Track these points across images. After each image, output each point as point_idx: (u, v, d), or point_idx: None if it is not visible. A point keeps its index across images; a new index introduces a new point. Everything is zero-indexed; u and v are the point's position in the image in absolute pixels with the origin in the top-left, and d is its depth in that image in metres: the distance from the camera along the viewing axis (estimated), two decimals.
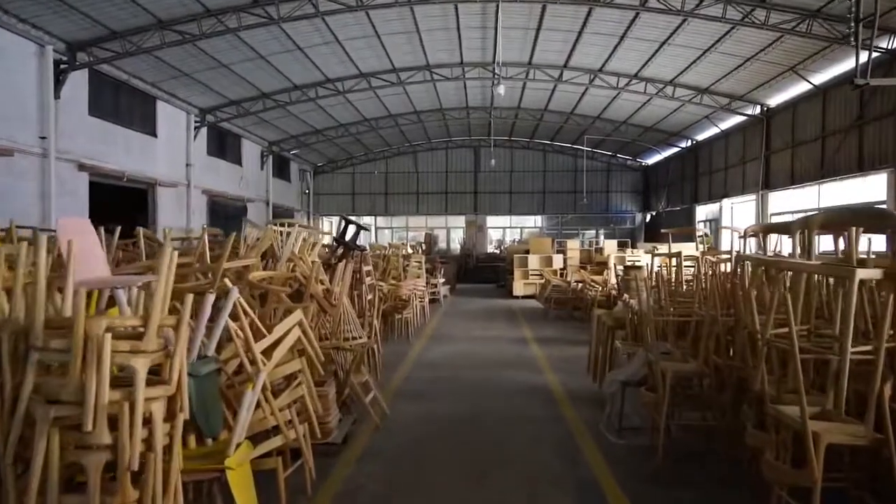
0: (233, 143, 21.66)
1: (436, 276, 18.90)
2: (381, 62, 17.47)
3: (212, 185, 19.55)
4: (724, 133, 20.58)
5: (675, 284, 8.93)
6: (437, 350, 10.68)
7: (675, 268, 9.53)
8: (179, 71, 15.13)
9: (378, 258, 16.51)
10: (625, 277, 11.35)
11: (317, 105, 20.63)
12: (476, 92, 21.85)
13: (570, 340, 11.78)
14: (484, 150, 30.36)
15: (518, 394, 7.61)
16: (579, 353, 10.35)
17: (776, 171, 17.08)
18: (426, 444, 5.81)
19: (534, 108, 23.79)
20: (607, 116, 23.19)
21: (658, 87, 17.92)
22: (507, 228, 32.92)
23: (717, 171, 21.37)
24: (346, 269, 6.55)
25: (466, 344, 11.37)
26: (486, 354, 10.29)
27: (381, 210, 31.73)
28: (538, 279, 20.35)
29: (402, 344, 11.15)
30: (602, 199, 30.82)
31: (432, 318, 15.10)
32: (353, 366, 6.24)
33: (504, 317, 15.64)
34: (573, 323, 14.38)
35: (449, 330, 13.22)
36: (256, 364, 3.97)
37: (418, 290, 13.74)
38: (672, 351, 5.71)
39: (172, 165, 17.19)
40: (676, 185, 25.70)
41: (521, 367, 9.23)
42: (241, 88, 17.54)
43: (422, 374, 8.73)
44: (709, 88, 17.57)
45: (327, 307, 6.27)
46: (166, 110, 16.76)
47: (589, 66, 17.72)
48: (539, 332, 12.99)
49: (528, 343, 11.56)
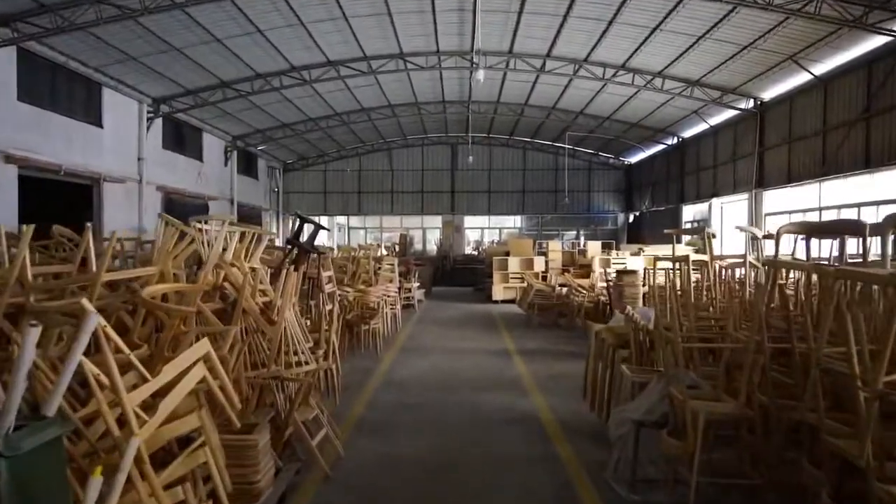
0: (192, 136, 20.17)
1: (410, 280, 17.66)
2: (351, 49, 16.16)
3: (168, 182, 18.06)
4: (713, 129, 19.61)
5: (686, 295, 7.81)
6: (408, 366, 9.43)
7: (674, 274, 8.42)
8: (125, 54, 13.65)
9: (347, 261, 15.30)
10: (617, 283, 10.21)
11: (283, 96, 19.25)
12: (453, 84, 20.63)
13: (557, 353, 10.61)
14: (461, 147, 29.17)
15: (502, 424, 6.40)
16: (568, 370, 9.19)
17: (771, 168, 16.12)
18: (387, 500, 4.58)
19: (514, 103, 22.63)
20: (591, 112, 22.13)
21: (646, 79, 16.84)
22: (485, 229, 31.76)
23: (706, 169, 20.41)
24: (288, 277, 5.27)
25: (442, 357, 10.14)
26: (464, 371, 9.07)
27: (353, 209, 30.35)
28: (519, 283, 19.20)
29: (369, 358, 9.88)
30: (583, 198, 29.80)
31: (405, 326, 13.85)
32: (298, 400, 4.98)
33: (483, 324, 14.45)
34: (558, 332, 13.22)
35: (423, 340, 11.98)
36: (129, 424, 2.71)
37: (389, 296, 12.48)
38: (699, 383, 4.54)
39: (122, 159, 15.70)
40: (661, 185, 24.75)
41: (503, 388, 8.02)
42: (197, 76, 16.10)
43: (388, 397, 7.48)
44: (700, 81, 16.55)
45: (265, 326, 5.00)
46: (114, 98, 15.27)
47: (574, 56, 16.59)
48: (522, 342, 11.81)
49: (511, 356, 10.37)
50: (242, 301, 4.78)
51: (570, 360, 9.93)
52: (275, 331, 4.93)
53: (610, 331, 6.50)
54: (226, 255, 5.45)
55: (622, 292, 9.99)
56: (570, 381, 8.43)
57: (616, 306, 10.03)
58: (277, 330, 4.94)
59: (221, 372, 3.30)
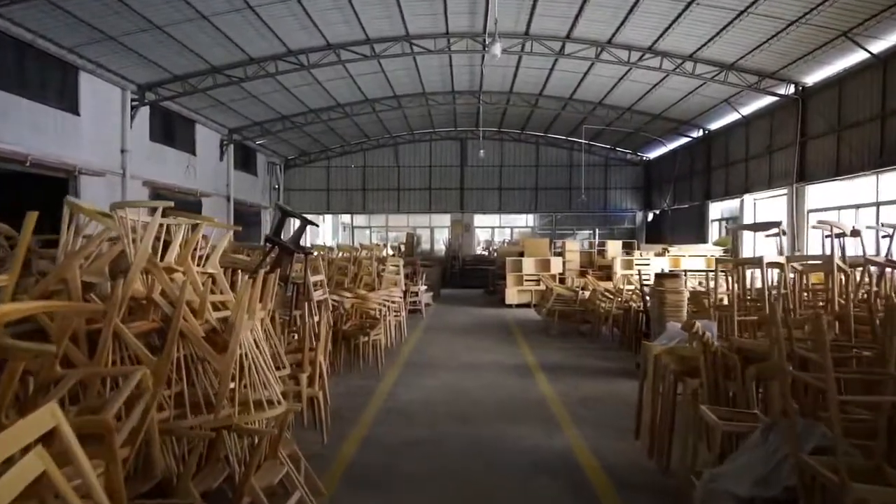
0: (184, 128, 18.83)
1: (416, 283, 16.26)
2: (352, 30, 14.77)
3: (156, 176, 16.72)
4: (745, 119, 18.08)
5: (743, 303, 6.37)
6: (413, 385, 8.02)
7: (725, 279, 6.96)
8: (102, 33, 12.29)
9: (347, 262, 13.95)
10: (656, 289, 8.76)
11: (280, 85, 17.88)
12: (463, 72, 19.22)
13: (585, 369, 9.18)
14: (471, 142, 27.75)
15: (532, 473, 4.97)
16: (601, 392, 7.76)
17: (815, 160, 14.59)
18: None
19: (528, 93, 21.18)
20: (610, 102, 20.64)
21: (676, 63, 15.35)
22: (495, 228, 30.31)
23: (736, 162, 18.88)
24: (247, 287, 3.87)
25: (452, 375, 8.73)
26: (480, 394, 7.64)
27: (358, 207, 28.96)
28: (534, 286, 17.78)
29: (369, 376, 8.48)
30: (599, 196, 28.29)
31: (411, 334, 12.45)
32: (259, 457, 3.58)
33: (497, 332, 13.02)
34: (581, 342, 11.80)
35: (431, 352, 10.56)
36: None
37: (393, 302, 11.08)
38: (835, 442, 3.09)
39: (102, 150, 14.36)
40: (685, 181, 23.21)
41: (528, 417, 6.59)
42: (184, 60, 14.72)
43: (388, 433, 6.06)
44: (735, 64, 15.05)
45: (211, 356, 3.60)
46: (93, 84, 13.92)
47: (596, 38, 15.14)
48: (542, 354, 10.38)
49: (533, 373, 8.94)
50: (178, 321, 3.38)
51: (602, 379, 8.51)
52: (224, 362, 3.53)
53: (673, 354, 5.06)
54: (168, 257, 4.07)
55: (663, 299, 8.55)
56: (606, 407, 7.02)
57: (658, 316, 8.58)
58: (228, 361, 3.54)
59: (84, 465, 1.88)
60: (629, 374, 8.81)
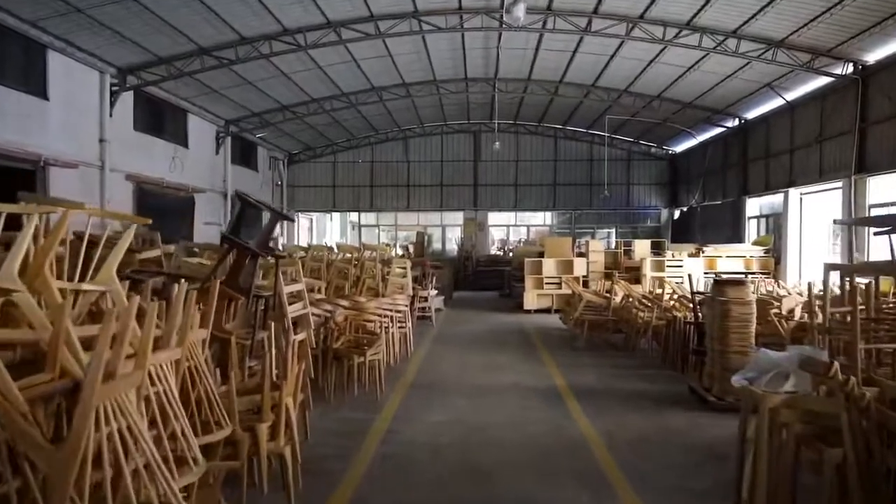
0: (174, 118, 17.35)
1: (426, 286, 14.69)
2: (354, 5, 13.17)
3: (141, 170, 15.25)
4: (790, 105, 16.30)
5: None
6: (417, 422, 6.41)
7: None
8: (67, 4, 10.76)
9: (347, 264, 12.44)
10: (716, 298, 7.11)
11: (277, 70, 16.36)
12: (477, 56, 17.61)
13: (627, 395, 7.56)
14: (485, 135, 26.12)
15: None
16: (656, 429, 6.14)
17: (878, 148, 12.81)
18: None
19: (547, 80, 19.53)
20: (637, 89, 18.95)
21: (717, 41, 13.64)
22: (511, 227, 28.66)
23: (779, 154, 17.09)
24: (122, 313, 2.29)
25: (466, 404, 7.14)
26: (500, 434, 6.04)
27: (366, 205, 27.39)
28: (555, 289, 16.17)
29: (365, 406, 6.91)
30: (622, 192, 26.54)
31: (419, 346, 10.89)
32: None
33: (517, 344, 11.43)
34: (614, 356, 10.19)
35: (440, 371, 8.97)
36: None
37: (398, 311, 9.51)
38: None
39: (76, 139, 12.89)
40: (716, 175, 21.45)
41: (567, 473, 4.97)
42: (167, 39, 13.20)
43: (380, 499, 4.49)
44: (785, 41, 13.32)
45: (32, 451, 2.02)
46: (64, 65, 12.43)
47: (627, 12, 13.48)
48: (572, 373, 8.78)
49: (564, 400, 7.34)
50: None
51: (650, 410, 6.91)
52: (58, 461, 1.95)
53: (793, 407, 3.44)
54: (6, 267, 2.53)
55: (727, 312, 6.90)
56: (666, 453, 5.41)
57: (719, 333, 6.94)
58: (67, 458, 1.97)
59: None
60: (681, 401, 7.23)
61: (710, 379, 7.19)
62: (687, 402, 7.25)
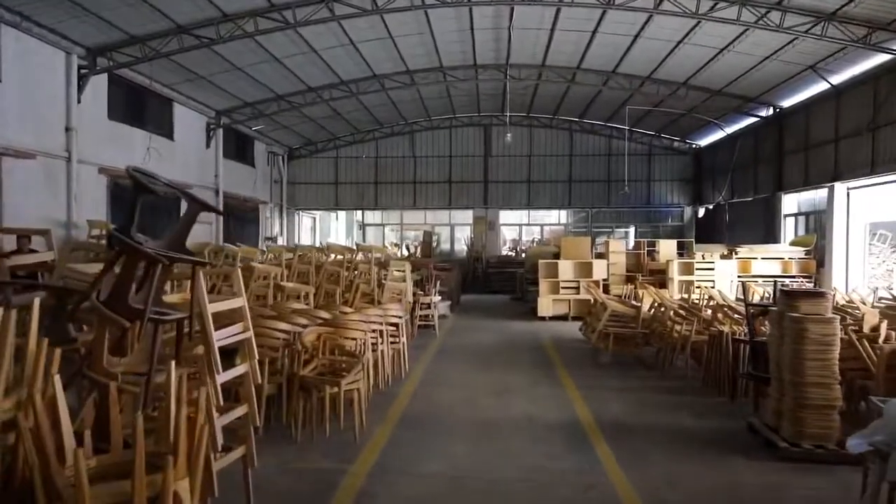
0: (157, 107, 15.94)
1: (429, 292, 13.19)
2: None
3: (117, 162, 13.80)
4: (835, 89, 14.62)
5: None
6: (404, 478, 4.84)
7: None
8: None
9: (339, 267, 11.07)
10: (788, 314, 5.54)
11: (269, 54, 14.91)
12: (487, 38, 16.05)
13: (671, 433, 6.00)
14: (496, 129, 24.57)
15: None
16: (717, 487, 4.59)
17: None
18: None
19: (563, 66, 17.94)
20: (662, 76, 17.33)
21: (759, 14, 12.02)
22: (523, 226, 27.10)
23: (821, 144, 15.39)
24: None
25: (468, 450, 5.60)
26: (514, 492, 4.53)
27: (370, 203, 25.91)
28: (573, 294, 14.62)
29: (338, 448, 5.40)
30: (642, 189, 24.85)
31: (416, 363, 9.37)
32: None
33: (532, 361, 9.88)
34: (645, 376, 8.65)
35: (439, 398, 7.44)
36: None
37: (390, 323, 8.00)
38: None
39: (36, 127, 11.50)
40: (746, 170, 19.76)
41: None
42: (138, 15, 11.75)
43: None
44: (838, 12, 11.69)
45: None
46: (19, 42, 11.00)
47: None
48: (600, 401, 7.23)
49: (592, 442, 5.80)
50: None
51: (703, 456, 5.36)
52: None
53: None
54: None
55: (802, 333, 5.35)
56: None
57: (790, 360, 5.37)
58: None
59: None
60: (741, 445, 5.75)
61: (777, 417, 5.65)
62: (748, 445, 5.71)
